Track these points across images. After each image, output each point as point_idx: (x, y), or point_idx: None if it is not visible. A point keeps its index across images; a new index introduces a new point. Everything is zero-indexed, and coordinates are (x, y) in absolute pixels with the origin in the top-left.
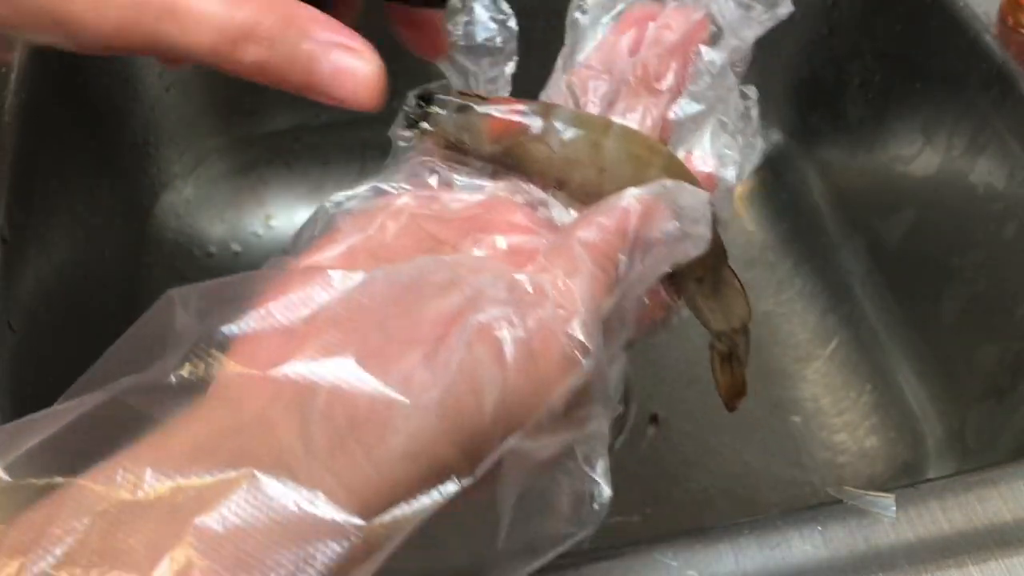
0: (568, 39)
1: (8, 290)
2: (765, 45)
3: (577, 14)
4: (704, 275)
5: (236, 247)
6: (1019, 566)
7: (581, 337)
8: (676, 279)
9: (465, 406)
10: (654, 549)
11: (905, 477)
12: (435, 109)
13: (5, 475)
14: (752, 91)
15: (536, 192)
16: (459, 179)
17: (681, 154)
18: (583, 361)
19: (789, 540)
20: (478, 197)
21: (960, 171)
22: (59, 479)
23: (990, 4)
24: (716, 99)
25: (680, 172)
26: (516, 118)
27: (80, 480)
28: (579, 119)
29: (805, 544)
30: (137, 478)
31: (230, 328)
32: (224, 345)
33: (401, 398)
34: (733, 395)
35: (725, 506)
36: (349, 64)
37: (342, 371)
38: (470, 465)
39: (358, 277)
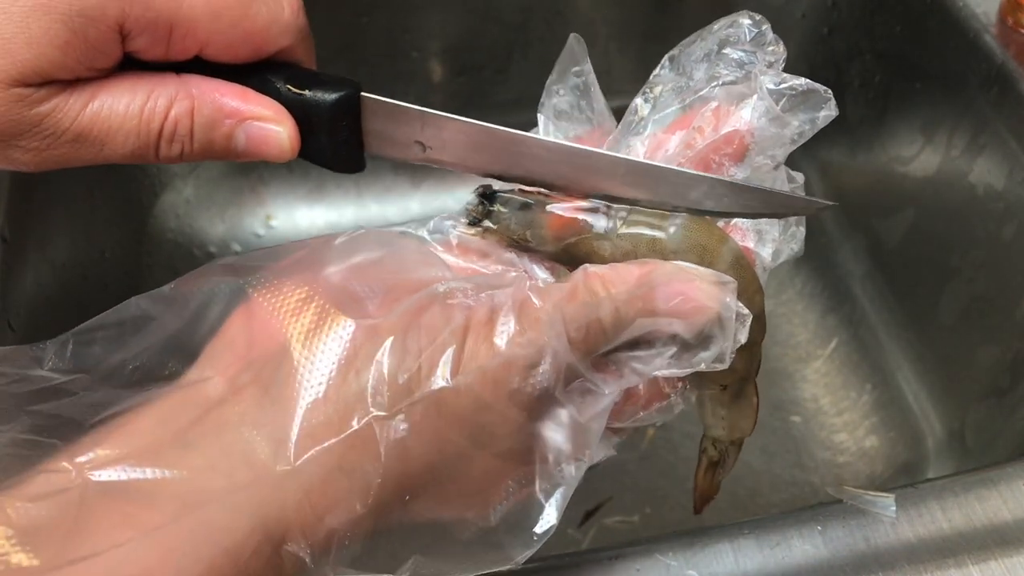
0: (622, 124)
1: (8, 290)
2: None
3: (639, 100)
4: (730, 384)
5: (236, 247)
6: (1019, 566)
7: (540, 318)
8: (699, 377)
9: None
10: (654, 549)
11: (905, 477)
12: (498, 207)
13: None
14: (799, 176)
15: (540, 273)
16: (475, 241)
17: (720, 222)
18: (528, 336)
19: (789, 540)
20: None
21: (960, 171)
22: None
23: (989, 4)
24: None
25: (746, 271)
26: (579, 216)
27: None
28: (640, 211)
29: (805, 544)
30: None
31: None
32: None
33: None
34: (706, 499)
35: (725, 506)
36: (261, 132)
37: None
38: (397, 403)
39: (358, 244)
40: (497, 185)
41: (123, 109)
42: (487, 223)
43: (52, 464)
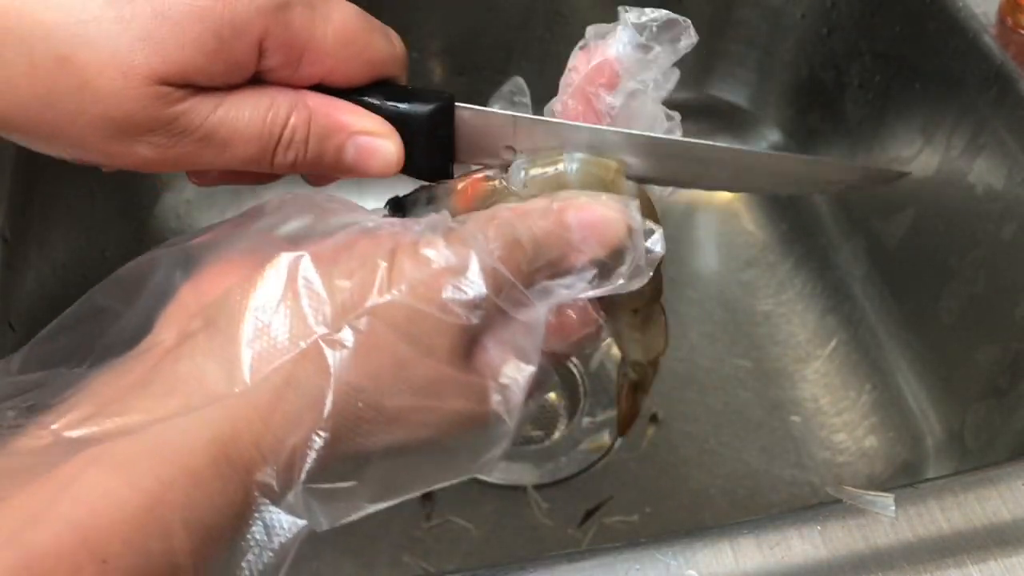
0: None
1: (8, 290)
2: (765, 45)
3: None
4: (640, 308)
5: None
6: (1018, 566)
7: (462, 234)
8: (611, 306)
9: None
10: (654, 548)
11: (904, 477)
12: (410, 210)
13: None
14: (675, 114)
15: None
16: None
17: None
18: (454, 248)
19: (789, 540)
20: None
21: (959, 171)
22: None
23: (989, 5)
24: (631, 119)
25: (644, 197)
26: (479, 183)
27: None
28: (533, 158)
29: (805, 544)
30: None
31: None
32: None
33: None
34: (629, 421)
35: (725, 506)
36: (370, 146)
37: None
38: (338, 321)
39: (290, 210)
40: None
41: (248, 114)
42: None
43: (28, 431)
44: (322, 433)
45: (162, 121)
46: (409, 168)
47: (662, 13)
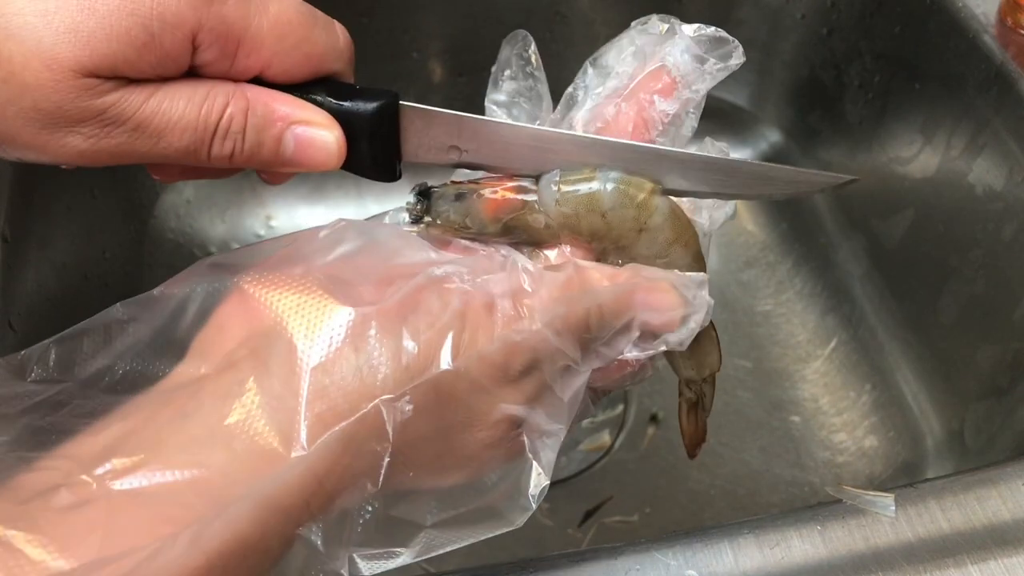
0: (560, 106)
1: (8, 290)
2: (765, 46)
3: (570, 90)
4: None
5: (236, 247)
6: (1018, 566)
7: (534, 307)
8: None
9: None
10: (654, 548)
11: (904, 477)
12: (435, 202)
13: None
14: (723, 145)
15: (518, 257)
16: (432, 234)
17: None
18: (524, 324)
19: (789, 540)
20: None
21: (959, 171)
22: None
23: (989, 5)
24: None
25: (680, 218)
26: (509, 195)
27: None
28: (566, 176)
29: (804, 544)
30: None
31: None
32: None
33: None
34: (696, 443)
35: (725, 506)
36: (309, 136)
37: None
38: (401, 385)
39: (342, 235)
40: (431, 182)
41: (183, 104)
42: (427, 219)
43: (70, 478)
44: (376, 503)
45: (92, 111)
46: (354, 166)
47: (712, 30)
